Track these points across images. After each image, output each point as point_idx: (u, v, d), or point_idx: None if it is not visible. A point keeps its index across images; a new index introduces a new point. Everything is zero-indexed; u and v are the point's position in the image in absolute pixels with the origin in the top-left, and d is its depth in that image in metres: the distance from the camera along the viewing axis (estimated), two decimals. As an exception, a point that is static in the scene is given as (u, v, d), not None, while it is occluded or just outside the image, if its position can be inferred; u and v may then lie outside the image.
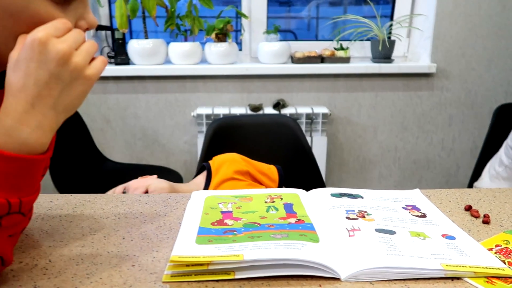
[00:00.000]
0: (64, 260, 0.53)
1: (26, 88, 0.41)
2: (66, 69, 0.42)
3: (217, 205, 0.69)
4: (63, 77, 0.42)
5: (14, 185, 0.42)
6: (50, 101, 0.42)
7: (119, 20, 1.64)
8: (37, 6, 0.41)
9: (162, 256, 0.54)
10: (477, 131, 1.99)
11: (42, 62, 0.41)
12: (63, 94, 0.43)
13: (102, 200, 0.72)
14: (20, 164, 0.41)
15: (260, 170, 1.05)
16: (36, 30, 0.41)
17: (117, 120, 1.87)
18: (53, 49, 0.41)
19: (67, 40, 0.42)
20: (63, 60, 0.41)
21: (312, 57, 1.85)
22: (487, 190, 0.80)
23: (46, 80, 0.41)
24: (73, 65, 0.42)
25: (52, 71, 0.41)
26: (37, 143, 0.42)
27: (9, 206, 0.41)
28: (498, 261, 0.52)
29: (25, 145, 0.42)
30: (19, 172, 0.42)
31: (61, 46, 0.41)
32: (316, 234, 0.57)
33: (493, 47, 1.87)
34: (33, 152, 0.42)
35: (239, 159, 1.05)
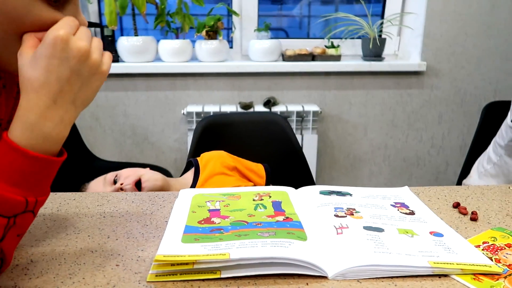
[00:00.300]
0: (46, 260, 0.51)
1: (48, 84, 0.42)
2: (86, 65, 0.44)
3: (204, 203, 0.68)
4: (83, 73, 0.44)
5: (33, 184, 0.43)
6: (71, 96, 0.44)
7: (109, 17, 1.62)
8: (39, 10, 0.43)
9: (148, 255, 0.53)
10: (466, 129, 2.00)
11: (64, 59, 0.42)
12: (82, 89, 0.45)
13: (87, 198, 0.71)
14: (42, 164, 0.43)
15: (247, 167, 1.06)
16: (56, 28, 0.42)
17: (106, 118, 1.85)
18: (75, 47, 0.43)
19: (85, 37, 0.44)
20: (84, 57, 0.44)
21: (303, 55, 1.84)
22: (475, 188, 0.80)
23: (67, 76, 0.43)
24: (92, 61, 0.44)
25: (73, 68, 0.43)
26: (59, 136, 0.44)
27: (26, 204, 0.43)
28: (485, 258, 0.52)
29: (48, 139, 0.43)
30: (39, 172, 0.43)
31: (82, 44, 0.43)
32: (304, 232, 0.56)
33: (482, 45, 1.88)
34: (55, 146, 0.44)
35: (226, 155, 1.05)
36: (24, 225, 0.45)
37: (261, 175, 1.06)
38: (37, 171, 0.43)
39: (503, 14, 1.84)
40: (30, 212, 0.44)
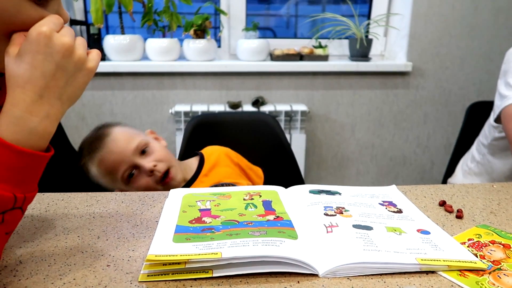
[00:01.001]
0: (35, 261, 0.51)
1: (33, 79, 0.43)
2: (71, 60, 0.45)
3: (195, 203, 0.68)
4: (68, 68, 0.45)
5: (21, 179, 0.43)
6: (57, 91, 0.45)
7: (94, 15, 1.60)
8: (27, 9, 0.44)
9: (139, 255, 0.53)
10: (451, 128, 2.04)
11: (48, 54, 0.43)
12: (68, 84, 0.45)
13: (76, 199, 0.70)
14: (29, 160, 0.43)
15: (248, 165, 1.07)
16: (39, 24, 0.43)
17: (93, 117, 1.83)
18: (58, 42, 0.44)
19: (68, 34, 0.45)
20: (68, 52, 0.44)
21: (291, 55, 1.85)
22: (460, 186, 0.82)
23: (53, 71, 0.44)
24: (77, 57, 0.45)
25: (58, 63, 0.44)
26: (45, 132, 0.45)
27: (15, 200, 0.43)
28: (470, 255, 0.54)
29: (34, 134, 0.43)
30: (27, 167, 0.43)
31: (65, 39, 0.44)
32: (295, 231, 0.57)
33: (466, 46, 1.92)
34: (41, 141, 0.44)
35: (230, 150, 1.05)
36: (12, 223, 0.45)
37: (260, 176, 1.07)
38: (25, 167, 0.43)
39: (486, 15, 1.88)
40: (18, 209, 0.44)
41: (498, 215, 0.68)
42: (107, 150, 0.89)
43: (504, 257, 0.54)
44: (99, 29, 1.75)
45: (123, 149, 0.89)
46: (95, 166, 0.91)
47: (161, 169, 0.90)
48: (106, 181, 0.92)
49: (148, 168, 0.89)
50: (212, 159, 1.02)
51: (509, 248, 0.56)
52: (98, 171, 0.91)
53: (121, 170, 0.89)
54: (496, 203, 0.73)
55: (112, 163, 0.89)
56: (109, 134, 0.92)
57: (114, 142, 0.90)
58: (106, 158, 0.89)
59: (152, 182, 0.90)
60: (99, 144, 0.90)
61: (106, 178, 0.92)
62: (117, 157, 0.89)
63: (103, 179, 0.92)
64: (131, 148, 0.90)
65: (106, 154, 0.89)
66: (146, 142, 0.92)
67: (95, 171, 0.91)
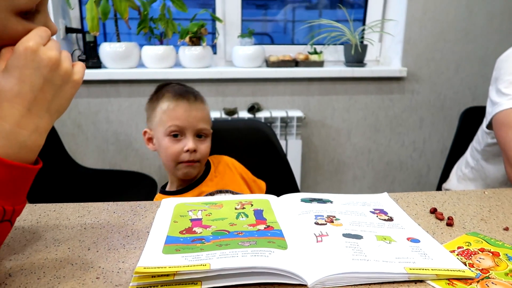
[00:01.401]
0: (25, 274, 0.51)
1: (22, 93, 0.44)
2: (58, 73, 0.46)
3: (186, 212, 0.68)
4: (56, 81, 0.46)
5: (10, 192, 0.44)
6: (45, 104, 0.45)
7: (90, 22, 1.61)
8: (14, 24, 0.45)
9: (128, 267, 0.53)
10: (447, 133, 2.05)
11: (36, 68, 0.44)
12: (56, 97, 0.46)
13: (67, 209, 0.71)
14: (19, 173, 0.44)
15: (251, 177, 1.07)
16: (25, 39, 0.44)
17: (89, 124, 1.83)
18: (45, 56, 0.44)
19: (54, 47, 0.46)
20: (55, 66, 0.45)
21: (287, 61, 1.86)
22: (452, 193, 0.82)
23: (40, 85, 0.44)
24: (63, 70, 0.46)
25: (46, 76, 0.45)
26: (35, 145, 0.45)
27: (4, 213, 0.43)
28: (459, 263, 0.54)
29: (24, 148, 0.44)
30: (16, 180, 0.44)
31: (52, 53, 0.45)
32: (285, 241, 0.57)
33: (461, 51, 1.93)
34: (30, 154, 0.45)
35: (235, 160, 1.07)
36: (1, 235, 0.45)
37: (263, 189, 1.08)
38: (14, 180, 0.44)
39: (480, 20, 1.90)
40: (7, 222, 0.45)
41: (489, 222, 0.69)
42: (199, 103, 0.96)
43: (492, 265, 0.55)
44: (95, 37, 1.76)
45: (199, 117, 0.94)
46: (171, 97, 0.94)
47: (194, 158, 0.94)
48: (157, 114, 0.95)
49: (190, 147, 0.92)
50: (218, 166, 1.04)
51: (498, 256, 0.57)
52: (167, 101, 0.94)
53: (177, 125, 0.93)
54: (487, 210, 0.74)
55: (183, 113, 0.93)
56: (203, 99, 0.99)
57: (203, 106, 0.97)
58: (186, 105, 0.93)
59: (177, 153, 0.93)
60: (194, 92, 0.97)
61: (160, 114, 0.94)
62: (191, 114, 0.93)
63: (157, 108, 0.95)
64: (200, 123, 0.95)
65: (192, 103, 0.94)
66: (208, 133, 0.98)
67: (167, 99, 0.94)
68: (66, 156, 1.72)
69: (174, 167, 0.95)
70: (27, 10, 0.46)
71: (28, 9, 0.46)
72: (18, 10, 0.45)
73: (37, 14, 0.48)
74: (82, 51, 1.82)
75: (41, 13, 0.49)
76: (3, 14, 0.44)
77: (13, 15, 0.45)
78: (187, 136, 0.94)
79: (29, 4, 0.46)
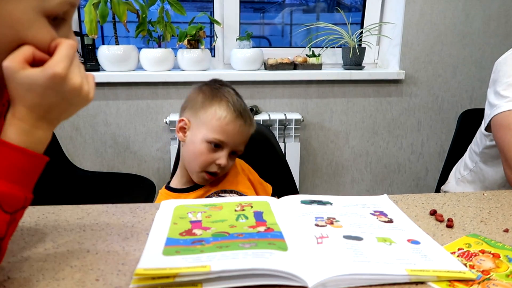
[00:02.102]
0: (23, 276, 0.51)
1: (40, 106, 0.47)
2: (77, 96, 0.48)
3: (186, 214, 0.68)
4: (73, 102, 0.49)
5: (29, 181, 0.48)
6: (58, 115, 0.49)
7: (89, 26, 1.61)
8: (40, 26, 0.46)
9: (128, 269, 0.53)
10: (445, 135, 2.05)
11: (59, 92, 0.47)
12: (68, 110, 0.50)
13: (66, 212, 0.70)
14: (37, 162, 0.48)
15: (258, 180, 1.07)
16: (55, 63, 0.45)
17: (87, 127, 1.83)
18: (70, 83, 0.47)
19: (79, 73, 0.48)
20: (77, 91, 0.48)
21: (285, 64, 1.86)
22: (451, 195, 0.82)
23: (58, 102, 0.48)
24: (83, 93, 0.49)
25: (66, 97, 0.48)
26: (47, 140, 0.50)
27: (25, 200, 0.47)
28: (460, 265, 0.54)
29: (39, 143, 0.49)
30: (34, 169, 0.48)
31: (77, 80, 0.47)
32: (285, 243, 0.57)
33: (458, 54, 1.94)
34: (43, 148, 0.49)
35: (244, 162, 1.07)
36: (17, 222, 0.49)
37: (269, 193, 1.07)
38: (33, 169, 0.48)
39: (477, 23, 1.91)
40: (24, 209, 0.48)
41: (489, 224, 0.69)
42: (249, 126, 0.95)
43: (493, 266, 0.55)
44: (94, 40, 1.75)
45: (244, 139, 0.95)
46: (231, 110, 0.91)
47: (221, 171, 0.94)
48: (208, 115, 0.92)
49: (222, 163, 0.91)
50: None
51: (498, 258, 0.57)
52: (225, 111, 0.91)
53: (223, 140, 0.91)
54: (486, 212, 0.74)
55: (235, 132, 0.91)
56: (254, 122, 0.99)
57: (251, 130, 0.97)
58: (241, 126, 0.92)
59: (208, 163, 0.92)
60: (250, 115, 0.96)
61: (212, 118, 0.91)
62: (240, 136, 0.93)
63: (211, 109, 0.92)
64: (241, 145, 0.95)
65: (246, 126, 0.94)
66: (240, 153, 0.97)
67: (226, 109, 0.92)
68: (64, 159, 1.71)
69: (198, 172, 0.94)
70: (55, 15, 0.47)
71: (57, 13, 0.47)
72: (47, 13, 0.46)
73: (62, 23, 0.49)
74: (81, 54, 1.82)
75: (65, 24, 0.50)
76: (32, 13, 0.45)
77: (41, 16, 0.45)
78: (224, 151, 0.92)
79: (59, 8, 0.46)
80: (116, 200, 0.84)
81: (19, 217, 0.48)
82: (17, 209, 0.46)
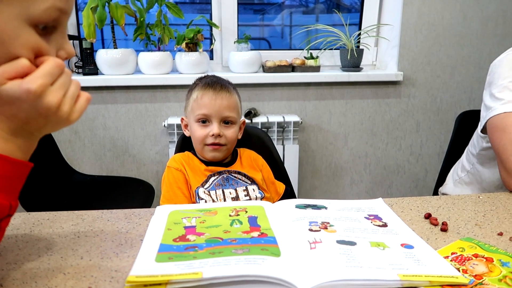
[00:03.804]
0: (16, 284, 0.51)
1: (17, 117, 0.46)
2: (54, 114, 0.46)
3: (180, 220, 0.68)
4: (51, 119, 0.47)
5: (13, 188, 0.47)
6: (36, 128, 0.48)
7: (87, 29, 1.61)
8: (27, 36, 0.44)
9: (121, 276, 0.53)
10: (443, 137, 2.05)
11: (33, 107, 0.45)
12: (46, 126, 0.48)
13: (61, 218, 0.70)
14: (20, 169, 0.47)
15: (269, 178, 1.11)
16: (30, 80, 0.44)
17: (86, 131, 1.83)
18: (45, 101, 0.45)
19: (59, 89, 0.46)
20: (54, 110, 0.46)
21: (283, 66, 1.86)
22: (447, 198, 0.82)
23: (34, 117, 0.46)
24: (61, 113, 0.47)
25: (41, 114, 0.46)
26: (29, 149, 0.49)
27: (10, 208, 0.46)
28: (453, 269, 0.54)
29: (21, 150, 0.48)
30: (18, 176, 0.47)
31: (53, 99, 0.45)
32: (278, 248, 0.57)
33: (456, 55, 1.94)
34: (25, 156, 0.48)
35: (261, 158, 1.13)
36: (4, 230, 0.48)
37: (279, 193, 1.12)
38: (17, 176, 0.47)
39: (475, 24, 1.91)
40: (10, 217, 0.48)
41: (483, 227, 0.69)
42: (225, 92, 1.03)
43: (486, 271, 0.55)
44: (92, 44, 1.76)
45: (224, 105, 1.01)
46: (200, 87, 1.03)
47: (220, 141, 1.02)
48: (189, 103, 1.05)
49: (214, 132, 1.00)
50: (243, 156, 1.11)
51: (491, 262, 0.57)
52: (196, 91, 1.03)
53: (203, 113, 1.01)
54: (481, 215, 0.74)
55: (208, 102, 1.01)
56: (230, 88, 1.06)
57: (229, 95, 1.03)
58: (212, 94, 1.01)
59: (203, 137, 1.02)
60: (221, 83, 1.05)
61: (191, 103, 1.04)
62: (216, 103, 1.01)
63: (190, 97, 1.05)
64: (225, 111, 1.02)
65: (217, 92, 1.02)
66: (234, 121, 1.04)
67: (197, 89, 1.03)
68: (63, 163, 1.71)
69: (202, 149, 1.04)
70: (43, 23, 0.45)
71: (44, 22, 0.45)
72: (33, 22, 0.44)
73: (54, 32, 0.47)
74: (79, 57, 1.83)
75: (58, 32, 0.48)
76: (17, 22, 0.43)
77: (27, 25, 0.43)
78: (213, 122, 1.01)
79: (46, 15, 0.44)
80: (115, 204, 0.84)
81: (5, 225, 0.48)
82: (2, 217, 0.46)
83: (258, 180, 1.05)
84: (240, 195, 1.00)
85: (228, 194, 0.99)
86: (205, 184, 1.01)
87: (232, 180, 1.02)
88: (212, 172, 1.03)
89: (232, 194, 1.00)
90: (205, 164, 1.05)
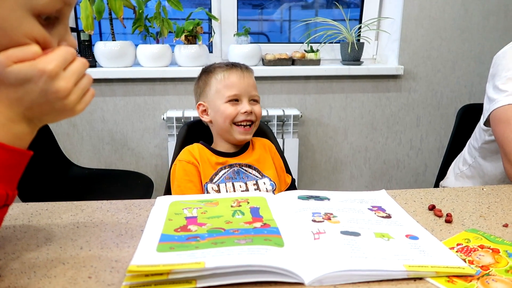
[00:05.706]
0: (15, 273, 0.50)
1: (22, 102, 0.45)
2: (62, 102, 0.46)
3: (181, 210, 0.67)
4: (56, 106, 0.46)
5: (11, 177, 0.46)
6: (39, 115, 0.47)
7: (85, 21, 1.59)
8: (29, 25, 0.43)
9: (122, 266, 0.52)
10: (444, 131, 2.04)
11: (42, 90, 0.44)
12: (50, 114, 0.47)
13: (60, 208, 0.69)
14: (18, 157, 0.46)
15: (280, 166, 1.11)
16: (48, 60, 0.43)
17: (84, 124, 1.81)
18: (56, 84, 0.44)
19: (71, 76, 0.46)
20: (62, 97, 0.45)
21: (283, 60, 1.85)
22: (450, 190, 0.82)
23: (40, 102, 0.45)
24: (68, 101, 0.46)
25: (49, 100, 0.45)
26: (27, 137, 0.47)
27: (7, 197, 0.45)
28: (459, 260, 0.53)
29: (19, 138, 0.46)
30: (16, 165, 0.46)
31: (65, 84, 0.45)
32: (281, 238, 0.56)
33: (457, 49, 1.93)
34: (23, 143, 0.47)
35: (274, 147, 1.13)
36: (1, 220, 0.46)
37: (287, 182, 1.12)
38: (14, 165, 0.45)
39: (476, 18, 1.89)
40: (6, 206, 0.46)
41: (488, 219, 0.68)
42: (249, 72, 1.05)
43: (493, 262, 0.54)
44: (90, 36, 1.74)
45: (251, 83, 1.04)
46: (224, 68, 1.03)
47: (251, 118, 1.03)
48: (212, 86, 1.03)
49: (247, 109, 1.01)
50: (256, 143, 1.10)
51: (498, 253, 0.56)
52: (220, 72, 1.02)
53: (234, 93, 1.01)
54: (486, 207, 0.73)
55: (237, 80, 1.01)
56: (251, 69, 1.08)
57: (252, 75, 1.07)
58: (239, 73, 1.02)
59: (234, 115, 1.01)
60: (242, 64, 1.06)
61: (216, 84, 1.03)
62: (244, 81, 1.02)
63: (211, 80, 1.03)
64: (253, 90, 1.04)
65: (244, 71, 1.03)
66: (258, 99, 1.06)
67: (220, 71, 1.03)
68: (61, 156, 1.70)
69: (231, 129, 1.02)
70: (46, 14, 0.45)
71: (47, 12, 0.45)
72: (36, 12, 0.43)
73: (56, 23, 0.47)
74: (77, 50, 1.81)
75: (60, 23, 0.47)
76: (20, 12, 0.42)
77: (30, 15, 0.43)
78: (243, 101, 1.02)
79: (50, 5, 0.44)
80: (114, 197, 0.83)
81: (2, 215, 0.46)
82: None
83: (271, 169, 1.05)
84: (250, 189, 0.98)
85: (238, 187, 0.98)
86: (215, 177, 0.99)
87: (243, 174, 1.01)
88: (223, 164, 1.01)
89: (242, 188, 0.98)
90: (217, 154, 1.03)
